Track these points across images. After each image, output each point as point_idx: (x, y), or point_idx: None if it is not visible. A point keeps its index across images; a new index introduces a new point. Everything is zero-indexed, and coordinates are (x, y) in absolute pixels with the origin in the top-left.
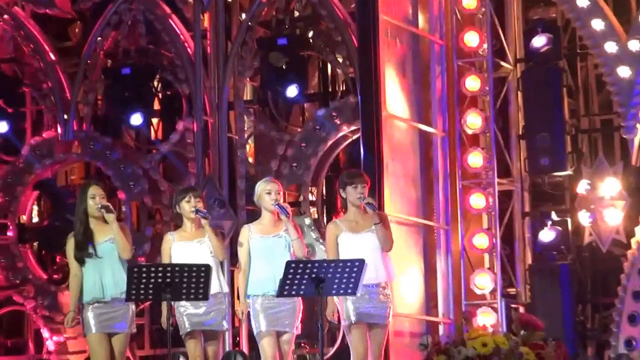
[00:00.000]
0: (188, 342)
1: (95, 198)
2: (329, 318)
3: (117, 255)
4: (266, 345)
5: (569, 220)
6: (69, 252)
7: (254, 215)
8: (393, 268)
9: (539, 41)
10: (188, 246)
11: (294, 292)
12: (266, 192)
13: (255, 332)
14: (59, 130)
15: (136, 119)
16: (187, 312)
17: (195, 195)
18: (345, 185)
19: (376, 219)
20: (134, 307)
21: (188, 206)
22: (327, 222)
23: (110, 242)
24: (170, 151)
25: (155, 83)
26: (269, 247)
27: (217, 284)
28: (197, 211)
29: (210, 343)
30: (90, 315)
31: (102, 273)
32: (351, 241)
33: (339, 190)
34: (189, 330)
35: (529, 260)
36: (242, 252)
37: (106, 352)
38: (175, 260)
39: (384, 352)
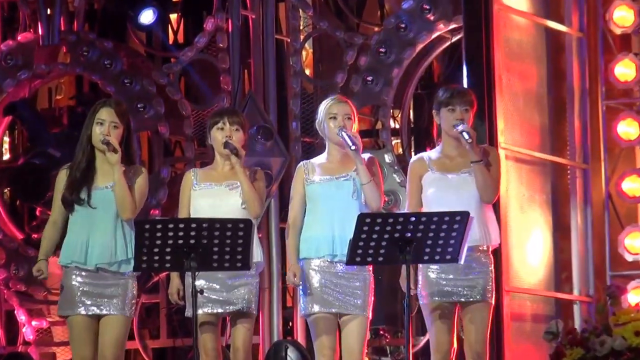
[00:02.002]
0: (201, 330)
1: (103, 125)
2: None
3: (115, 209)
4: (322, 335)
5: None
6: (58, 186)
7: (311, 149)
8: (497, 225)
9: None
10: (212, 191)
11: (370, 258)
12: (330, 116)
13: (303, 313)
14: (40, 31)
15: (147, 16)
16: (199, 286)
17: (231, 121)
18: (440, 107)
19: (474, 155)
20: (134, 280)
21: (220, 135)
22: None
23: (112, 189)
24: (196, 60)
25: None
26: (330, 193)
27: None
28: (226, 144)
29: (237, 328)
30: (72, 287)
31: (91, 230)
32: (437, 184)
33: (433, 114)
34: (202, 313)
35: None
36: (294, 199)
37: (91, 341)
38: (192, 209)
39: (496, 342)
